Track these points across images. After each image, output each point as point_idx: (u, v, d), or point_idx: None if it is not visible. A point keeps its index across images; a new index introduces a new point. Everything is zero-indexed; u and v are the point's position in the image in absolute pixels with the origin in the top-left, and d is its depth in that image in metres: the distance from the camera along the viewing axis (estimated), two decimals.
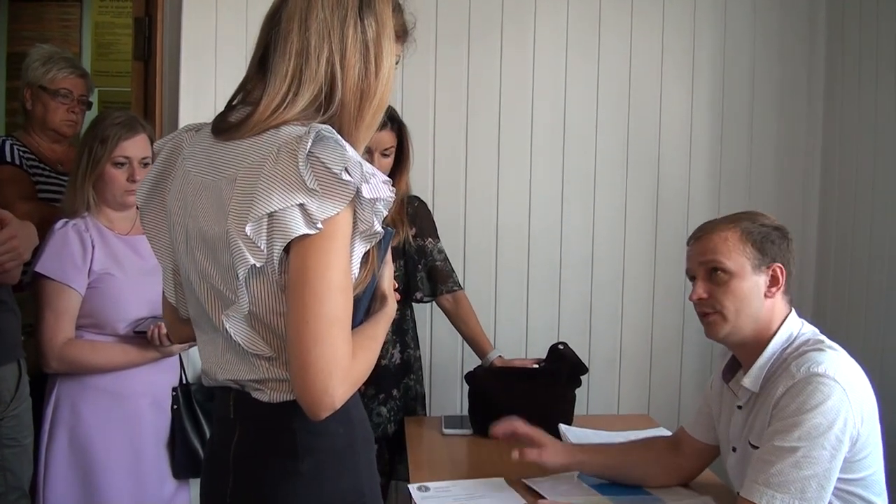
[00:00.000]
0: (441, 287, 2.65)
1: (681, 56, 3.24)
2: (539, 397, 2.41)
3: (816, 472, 1.57)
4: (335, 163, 1.17)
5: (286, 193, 1.17)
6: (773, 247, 1.77)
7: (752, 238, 1.77)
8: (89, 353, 2.26)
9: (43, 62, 2.73)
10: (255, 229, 1.19)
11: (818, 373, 1.62)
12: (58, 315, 2.24)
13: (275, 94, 1.26)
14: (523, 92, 3.19)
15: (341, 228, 1.20)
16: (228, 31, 2.92)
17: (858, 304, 2.98)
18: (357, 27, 1.27)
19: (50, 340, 2.23)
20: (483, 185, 3.19)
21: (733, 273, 1.76)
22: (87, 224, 2.32)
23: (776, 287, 1.77)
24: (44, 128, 2.75)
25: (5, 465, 1.97)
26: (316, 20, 1.26)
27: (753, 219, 1.82)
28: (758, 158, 3.28)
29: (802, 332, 1.78)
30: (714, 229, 1.81)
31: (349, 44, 1.27)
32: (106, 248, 2.32)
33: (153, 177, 1.47)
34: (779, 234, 1.80)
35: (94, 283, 2.28)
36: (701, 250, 1.81)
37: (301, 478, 1.30)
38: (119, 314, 2.30)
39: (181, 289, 1.46)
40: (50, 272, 2.24)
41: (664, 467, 2.00)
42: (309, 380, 1.17)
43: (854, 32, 3.09)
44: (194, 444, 2.40)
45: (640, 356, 3.28)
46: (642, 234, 3.26)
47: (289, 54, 1.26)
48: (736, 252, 1.76)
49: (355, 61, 1.27)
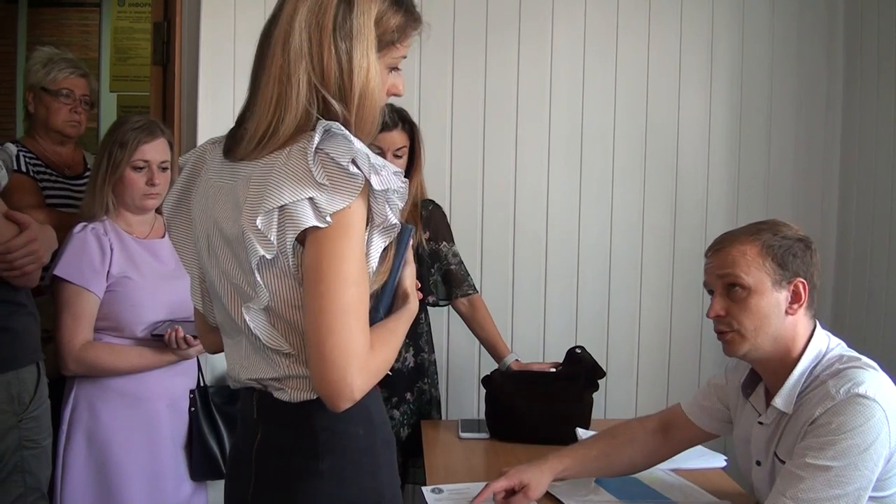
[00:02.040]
0: (456, 291, 2.65)
1: (698, 60, 3.22)
2: (556, 401, 2.40)
3: (847, 491, 1.53)
4: (342, 156, 1.20)
5: (296, 187, 1.20)
6: (796, 260, 1.69)
7: (773, 252, 1.68)
8: (107, 356, 2.28)
9: (43, 64, 2.73)
10: (265, 222, 1.21)
11: (860, 393, 1.56)
12: (76, 318, 2.26)
13: (261, 120, 1.28)
14: (541, 95, 3.19)
15: (354, 221, 1.22)
16: (246, 36, 2.93)
17: (878, 312, 2.96)
18: (331, 47, 1.27)
19: (68, 343, 2.24)
20: (500, 188, 3.19)
21: (752, 289, 1.68)
22: (105, 227, 2.34)
23: (798, 303, 1.69)
24: (47, 130, 2.75)
25: (25, 467, 1.98)
26: (293, 43, 1.27)
27: (775, 230, 1.72)
28: (776, 164, 3.26)
29: (831, 347, 1.71)
30: (733, 242, 1.73)
31: (326, 65, 1.27)
32: (124, 251, 2.34)
33: (179, 189, 1.50)
34: (802, 245, 1.71)
35: (113, 287, 2.29)
36: (719, 264, 1.74)
37: (321, 477, 1.31)
38: (137, 317, 2.31)
39: (208, 297, 1.49)
40: (68, 276, 2.25)
41: (648, 453, 1.98)
42: (326, 369, 1.19)
43: (872, 37, 3.07)
44: (211, 446, 2.41)
45: (658, 360, 3.27)
46: (660, 238, 3.24)
47: (272, 79, 1.28)
48: (755, 267, 1.68)
49: (334, 80, 1.27)
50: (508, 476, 1.87)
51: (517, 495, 1.86)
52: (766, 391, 1.78)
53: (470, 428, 2.50)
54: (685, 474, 2.09)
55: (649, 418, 2.05)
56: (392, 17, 1.33)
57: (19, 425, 1.97)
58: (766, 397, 1.77)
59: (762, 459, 1.78)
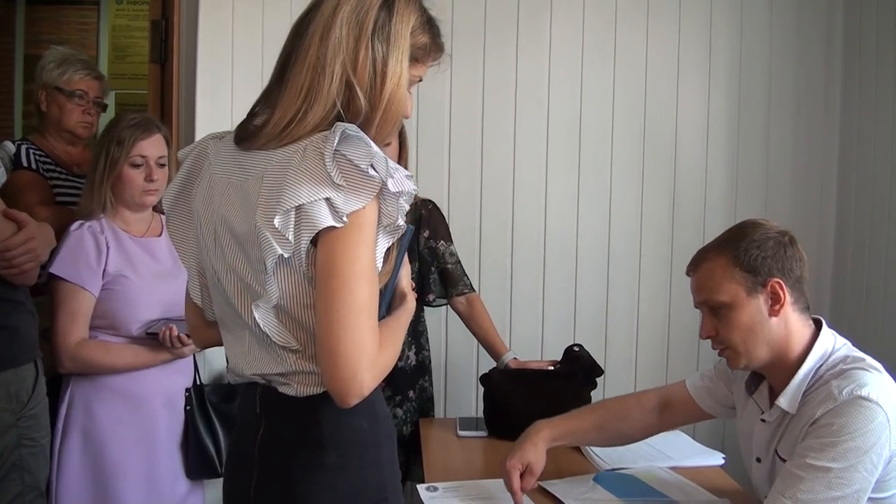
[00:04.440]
0: (451, 290, 2.65)
1: (697, 56, 3.22)
2: (554, 399, 2.40)
3: (846, 493, 1.52)
4: (361, 159, 1.21)
5: (313, 188, 1.21)
6: (767, 261, 1.67)
7: (740, 260, 1.67)
8: (102, 354, 2.28)
9: (58, 63, 2.74)
10: (283, 221, 1.22)
11: (862, 395, 1.55)
12: (72, 316, 2.26)
13: (289, 107, 1.30)
14: (539, 93, 3.18)
15: (367, 221, 1.24)
16: (245, 34, 2.93)
17: (876, 307, 2.96)
18: (368, 47, 1.30)
19: (64, 341, 2.25)
20: (499, 186, 3.19)
21: (729, 304, 1.68)
22: (102, 226, 2.34)
23: (779, 304, 1.67)
24: (59, 129, 2.76)
25: (23, 465, 1.98)
26: (333, 37, 1.29)
27: (743, 235, 1.71)
28: (774, 160, 3.26)
29: (837, 347, 1.70)
30: (702, 260, 1.74)
31: (360, 63, 1.29)
32: (121, 249, 2.34)
33: (179, 183, 1.50)
34: (772, 243, 1.69)
35: (109, 285, 2.30)
36: (695, 287, 1.75)
37: (325, 471, 1.33)
38: (132, 316, 2.31)
39: (207, 291, 1.49)
40: (65, 274, 2.26)
41: (642, 428, 2.03)
42: (339, 366, 1.20)
43: (871, 34, 3.07)
44: (207, 444, 2.41)
45: (657, 358, 3.27)
46: (659, 236, 3.24)
47: (306, 67, 1.30)
48: (725, 281, 1.68)
49: (367, 79, 1.30)
50: (513, 465, 1.90)
51: (525, 477, 1.89)
52: (770, 389, 1.78)
53: (468, 426, 2.50)
54: (683, 472, 2.09)
55: (647, 394, 2.07)
56: (422, 34, 1.38)
57: (18, 423, 1.97)
58: (770, 395, 1.77)
59: (763, 457, 1.78)
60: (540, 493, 1.95)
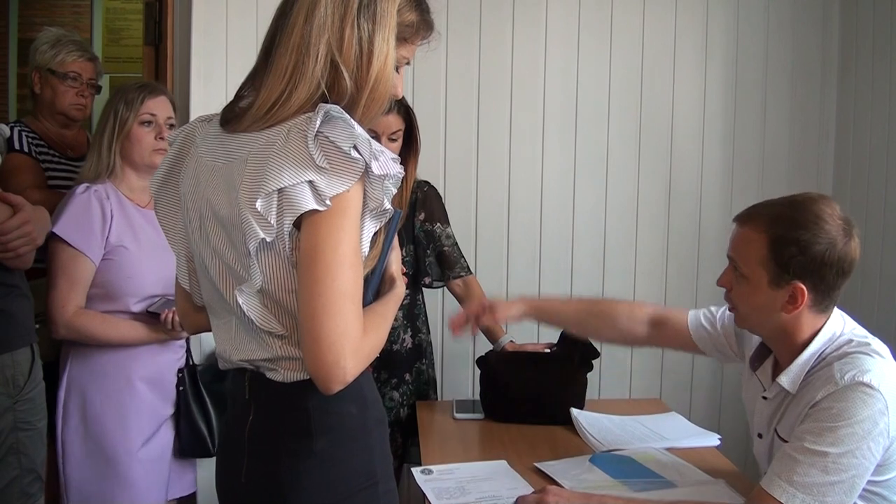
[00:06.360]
0: (448, 273, 2.64)
1: (694, 38, 3.22)
2: (551, 382, 2.41)
3: (843, 478, 1.52)
4: (344, 140, 1.20)
5: (296, 170, 1.19)
6: (802, 265, 1.61)
7: (777, 251, 1.62)
8: (99, 325, 2.27)
9: (52, 45, 2.72)
10: (265, 204, 1.21)
11: (863, 381, 1.54)
12: (71, 282, 2.25)
13: (273, 88, 1.28)
14: (535, 76, 3.17)
15: (352, 205, 1.22)
16: (239, 16, 2.92)
17: (871, 294, 2.96)
18: (354, 26, 1.27)
19: (61, 307, 2.24)
20: (495, 169, 3.18)
21: (748, 279, 1.67)
22: (107, 191, 2.32)
23: (794, 305, 1.64)
24: (53, 112, 2.75)
25: (20, 448, 1.99)
26: (318, 16, 1.27)
27: (797, 225, 1.62)
28: (771, 145, 3.26)
29: (844, 331, 1.69)
30: (749, 222, 1.69)
31: (345, 42, 1.27)
32: (125, 218, 2.33)
33: (167, 166, 1.49)
34: (820, 249, 1.60)
35: (109, 255, 2.29)
36: (732, 240, 1.72)
37: (315, 457, 1.32)
38: (131, 288, 2.30)
39: (195, 275, 1.48)
40: (68, 236, 2.24)
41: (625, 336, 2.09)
42: (321, 352, 1.19)
43: (868, 17, 3.06)
44: (199, 424, 2.42)
45: None
46: (655, 219, 3.24)
47: (291, 48, 1.28)
48: (754, 261, 1.65)
49: (353, 59, 1.28)
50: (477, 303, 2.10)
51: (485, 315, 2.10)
52: (775, 364, 1.78)
53: (464, 408, 2.50)
54: (679, 453, 2.10)
55: (644, 306, 2.10)
56: (409, 12, 1.36)
57: (14, 407, 1.98)
58: (773, 371, 1.77)
59: (763, 433, 1.79)
60: (536, 473, 1.96)
